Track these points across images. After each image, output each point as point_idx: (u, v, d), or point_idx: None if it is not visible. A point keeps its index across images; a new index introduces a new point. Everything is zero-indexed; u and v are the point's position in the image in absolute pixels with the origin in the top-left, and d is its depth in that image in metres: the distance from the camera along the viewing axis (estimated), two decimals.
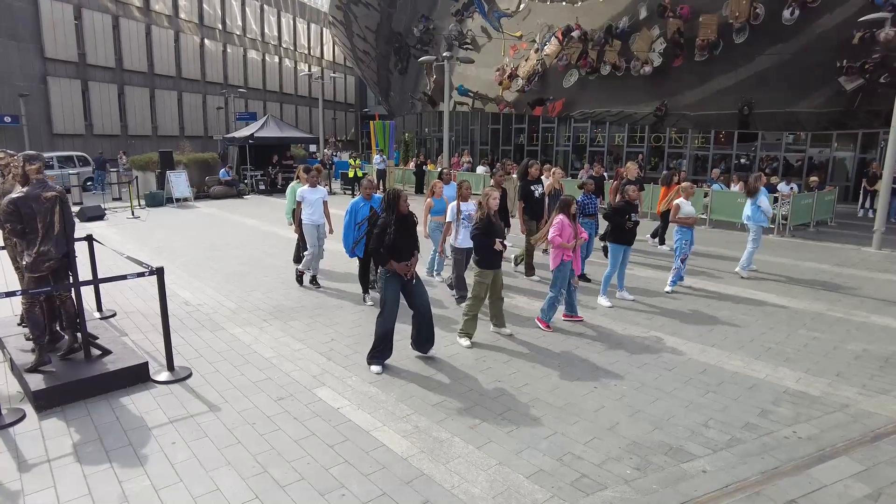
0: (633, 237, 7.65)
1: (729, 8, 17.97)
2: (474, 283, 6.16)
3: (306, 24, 47.64)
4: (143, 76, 33.71)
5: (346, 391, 4.99)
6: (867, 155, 18.79)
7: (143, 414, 4.60)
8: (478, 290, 6.09)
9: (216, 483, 3.68)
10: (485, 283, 6.08)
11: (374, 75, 35.40)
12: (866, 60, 16.29)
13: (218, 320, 6.95)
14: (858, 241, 12.34)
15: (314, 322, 6.88)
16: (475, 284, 6.14)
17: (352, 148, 43.17)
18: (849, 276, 9.46)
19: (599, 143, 24.74)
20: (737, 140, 21.15)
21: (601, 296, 7.66)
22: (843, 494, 3.58)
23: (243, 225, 14.54)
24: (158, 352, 5.71)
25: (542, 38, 23.11)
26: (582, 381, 5.26)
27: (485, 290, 6.10)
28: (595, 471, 3.83)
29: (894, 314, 7.36)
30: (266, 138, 22.20)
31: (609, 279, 7.67)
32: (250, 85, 40.70)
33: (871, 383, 5.26)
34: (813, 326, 6.86)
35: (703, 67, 19.36)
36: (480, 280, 6.09)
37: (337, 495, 3.56)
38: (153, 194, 18.35)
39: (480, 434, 4.29)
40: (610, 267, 7.65)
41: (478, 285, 6.11)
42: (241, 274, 9.23)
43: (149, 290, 7.91)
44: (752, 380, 5.31)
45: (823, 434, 4.34)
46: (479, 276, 6.12)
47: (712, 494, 3.59)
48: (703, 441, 4.23)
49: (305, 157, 25.79)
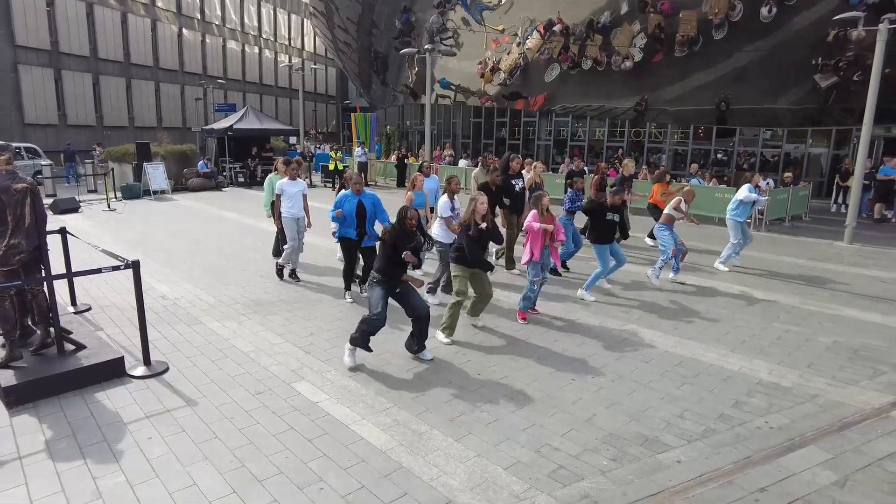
0: (612, 233, 7.68)
1: (709, 4, 18.15)
2: (453, 279, 6.14)
3: (287, 15, 47.07)
4: (119, 65, 33.05)
5: (326, 385, 4.98)
6: (840, 151, 19.16)
7: (119, 409, 4.54)
8: (457, 285, 6.07)
9: (193, 478, 3.65)
10: (462, 277, 6.04)
11: (356, 67, 35.13)
12: (840, 59, 16.60)
13: (195, 314, 6.88)
14: (831, 236, 12.61)
15: (293, 316, 6.83)
16: (453, 280, 6.13)
17: (333, 140, 42.83)
18: (822, 269, 9.67)
19: (580, 138, 24.87)
20: (715, 135, 21.42)
21: (584, 290, 7.67)
22: (810, 482, 3.68)
23: (222, 218, 14.37)
24: (134, 346, 5.63)
25: (524, 32, 23.13)
26: (560, 373, 5.31)
27: (464, 283, 6.06)
28: (572, 462, 3.88)
29: (864, 307, 7.55)
30: (245, 130, 21.92)
31: (598, 277, 7.70)
32: (229, 76, 40.15)
33: (841, 374, 5.40)
34: (787, 319, 7.01)
35: (682, 63, 19.55)
36: (456, 274, 6.07)
37: (315, 489, 3.56)
38: (130, 186, 18.02)
39: (460, 426, 4.31)
40: (601, 266, 7.65)
41: (455, 280, 6.09)
42: (219, 267, 9.13)
43: (125, 284, 7.79)
44: (727, 372, 5.41)
45: (794, 424, 4.44)
46: (454, 270, 6.10)
47: (686, 484, 3.65)
48: (679, 432, 4.31)
49: (285, 149, 25.54)
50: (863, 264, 10.16)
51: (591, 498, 3.50)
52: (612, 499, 3.50)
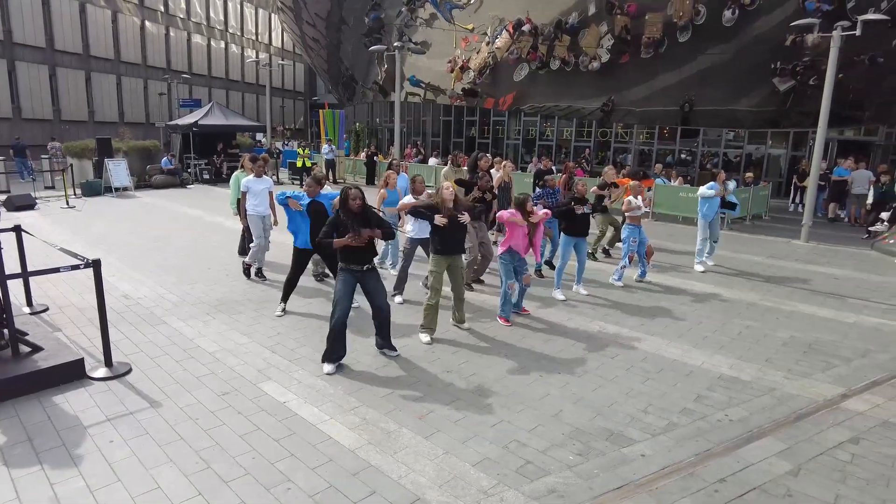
0: (586, 228, 7.77)
1: (673, 7, 18.53)
2: (430, 274, 6.13)
3: (254, 9, 46.27)
4: (78, 58, 31.99)
5: (293, 385, 4.94)
6: (798, 153, 19.82)
7: (79, 412, 4.42)
8: (432, 281, 6.06)
9: (157, 481, 3.58)
10: (438, 272, 6.02)
11: (324, 63, 34.75)
12: (797, 63, 17.15)
13: (159, 314, 6.73)
14: (789, 234, 13.04)
15: (260, 315, 6.75)
16: (429, 274, 6.12)
17: (301, 137, 42.32)
18: (780, 267, 10.00)
19: (548, 137, 25.12)
20: (679, 136, 21.90)
21: (556, 289, 7.73)
22: (767, 472, 3.81)
23: (187, 215, 14.07)
24: (95, 347, 5.49)
25: (493, 31, 23.22)
26: (528, 370, 5.37)
27: (439, 279, 6.04)
28: (539, 457, 3.94)
29: (818, 303, 7.84)
30: (211, 126, 21.51)
31: (561, 271, 7.76)
32: (194, 71, 39.26)
33: (796, 368, 5.60)
34: (747, 315, 7.23)
35: (648, 65, 19.91)
36: (433, 269, 6.05)
37: (283, 489, 3.53)
38: (90, 183, 17.50)
39: (428, 424, 4.33)
40: (561, 259, 7.76)
41: (431, 275, 6.09)
42: (184, 266, 8.95)
43: (85, 284, 7.57)
44: (689, 367, 5.56)
45: (752, 417, 4.59)
46: (431, 264, 6.08)
47: (650, 477, 3.75)
48: (643, 426, 4.41)
49: (251, 145, 25.13)
50: (817, 262, 10.54)
51: (557, 492, 3.56)
52: (579, 493, 3.56)
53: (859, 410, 4.73)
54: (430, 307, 6.00)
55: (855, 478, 3.78)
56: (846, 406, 4.81)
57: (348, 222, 5.10)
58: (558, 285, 7.76)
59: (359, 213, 5.17)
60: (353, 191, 5.18)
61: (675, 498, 3.53)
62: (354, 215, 5.14)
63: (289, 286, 6.87)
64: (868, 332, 6.70)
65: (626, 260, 8.41)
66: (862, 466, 3.92)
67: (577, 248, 7.77)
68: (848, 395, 5.03)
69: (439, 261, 6.02)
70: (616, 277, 8.47)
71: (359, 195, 5.18)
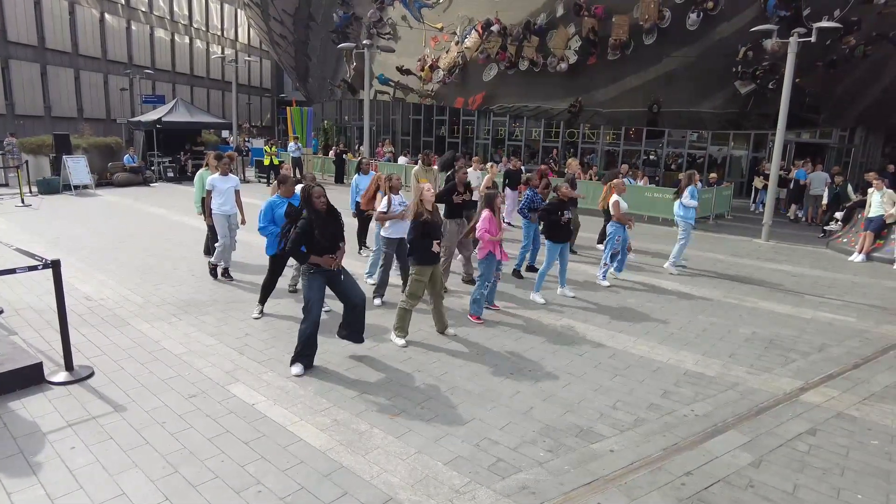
0: (569, 234, 7.70)
1: (640, 10, 18.86)
2: (411, 282, 5.95)
3: (219, 4, 45.31)
4: (33, 50, 30.82)
5: (262, 387, 4.87)
6: (759, 154, 20.43)
7: (37, 418, 4.27)
8: (415, 289, 5.89)
9: (122, 487, 3.49)
10: (422, 282, 5.90)
11: (292, 60, 34.28)
12: (757, 67, 17.67)
13: (123, 315, 6.55)
14: (751, 234, 13.43)
15: (227, 316, 6.63)
16: (412, 282, 5.93)
17: (268, 134, 41.66)
18: (742, 265, 10.30)
19: (517, 137, 25.31)
20: (645, 137, 22.33)
21: (534, 293, 7.62)
22: (730, 464, 3.93)
23: (150, 214, 13.72)
24: (55, 351, 5.31)
25: (462, 31, 23.27)
26: (498, 368, 5.41)
27: (422, 288, 5.93)
28: (510, 454, 3.97)
29: (779, 300, 8.10)
30: (175, 123, 20.99)
31: (544, 276, 7.65)
32: (158, 66, 38.23)
33: (758, 363, 5.78)
34: (711, 312, 7.42)
35: (615, 66, 20.23)
36: (417, 278, 5.89)
37: (253, 492, 3.48)
38: (47, 181, 16.89)
39: (400, 424, 4.33)
40: (545, 264, 7.61)
41: (414, 283, 5.91)
42: (148, 266, 8.73)
43: (44, 285, 7.31)
44: (656, 363, 5.68)
45: (717, 411, 4.72)
46: (416, 273, 5.90)
47: (618, 472, 3.82)
48: (612, 422, 4.49)
49: (217, 142, 24.64)
50: (777, 260, 10.89)
51: (529, 489, 3.60)
52: (549, 489, 3.61)
53: (816, 403, 4.91)
54: (405, 311, 5.91)
55: (812, 467, 3.93)
56: (804, 399, 4.99)
57: (318, 226, 4.92)
58: (538, 289, 7.64)
59: (325, 211, 5.03)
60: (316, 188, 5.03)
61: (644, 492, 3.60)
62: (323, 217, 5.00)
63: (265, 290, 6.70)
64: (824, 327, 6.96)
65: (608, 257, 8.50)
66: (818, 456, 4.07)
67: (561, 252, 7.64)
68: (806, 388, 5.22)
69: (423, 270, 5.88)
70: (601, 276, 8.56)
71: (322, 192, 5.04)
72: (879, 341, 6.55)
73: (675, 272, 9.47)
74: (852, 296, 8.47)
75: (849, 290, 8.82)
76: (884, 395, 5.14)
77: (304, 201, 5.03)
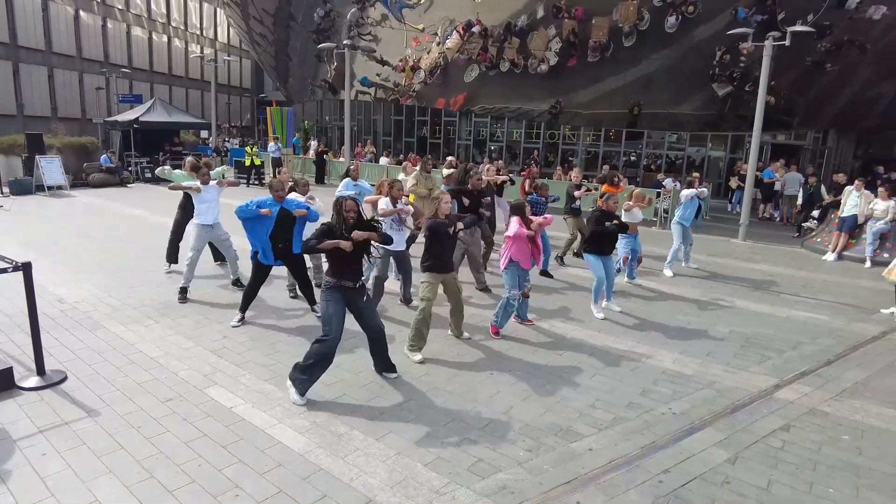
0: (613, 245, 7.44)
1: (619, 12, 19.04)
2: (422, 286, 5.69)
3: (198, 3, 44.76)
4: (5, 47, 30.11)
5: (240, 390, 4.82)
6: (736, 155, 20.75)
7: (6, 425, 4.17)
8: (427, 292, 5.62)
9: (95, 494, 3.43)
10: (434, 284, 5.68)
11: (272, 60, 33.99)
12: (734, 70, 17.95)
13: (98, 318, 6.43)
14: (729, 234, 13.63)
15: (205, 319, 6.55)
16: (423, 286, 5.67)
17: (248, 134, 41.26)
18: (720, 265, 10.44)
19: (498, 139, 25.39)
20: (625, 138, 22.55)
21: (593, 304, 7.28)
22: (707, 461, 3.98)
23: (127, 215, 13.50)
24: (26, 355, 5.19)
25: (443, 32, 23.28)
26: (478, 368, 5.42)
27: (433, 291, 5.67)
28: (490, 454, 3.98)
29: (755, 299, 8.23)
30: (153, 123, 20.67)
31: (599, 290, 7.23)
32: (135, 65, 37.61)
33: (735, 361, 5.87)
34: (689, 311, 7.52)
35: (595, 68, 20.39)
36: (429, 280, 5.68)
37: (230, 496, 3.44)
38: (20, 181, 16.53)
39: (380, 425, 4.31)
40: (596, 281, 7.18)
41: (423, 285, 5.68)
42: (124, 268, 8.58)
43: (14, 288, 7.11)
44: (635, 362, 5.74)
45: (694, 409, 4.78)
46: (426, 277, 5.71)
47: (597, 471, 3.85)
48: (591, 421, 4.52)
49: (196, 143, 24.33)
50: (754, 259, 11.07)
51: (508, 489, 3.61)
52: (529, 488, 3.62)
53: (790, 399, 5.00)
54: (420, 321, 5.56)
55: (786, 463, 4.00)
56: (778, 396, 5.08)
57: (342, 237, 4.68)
58: (595, 301, 7.28)
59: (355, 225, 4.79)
60: (348, 202, 4.78)
61: (622, 490, 3.63)
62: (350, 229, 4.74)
63: (247, 299, 6.49)
64: (799, 326, 7.09)
65: (620, 263, 8.25)
66: (792, 452, 4.14)
67: (605, 264, 7.19)
68: (780, 385, 5.31)
69: (434, 276, 5.70)
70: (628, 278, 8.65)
71: (353, 206, 4.78)
72: (851, 339, 6.69)
73: (671, 275, 9.40)
74: (826, 294, 8.65)
75: (823, 288, 9.00)
76: (854, 391, 5.25)
77: (335, 212, 4.79)
